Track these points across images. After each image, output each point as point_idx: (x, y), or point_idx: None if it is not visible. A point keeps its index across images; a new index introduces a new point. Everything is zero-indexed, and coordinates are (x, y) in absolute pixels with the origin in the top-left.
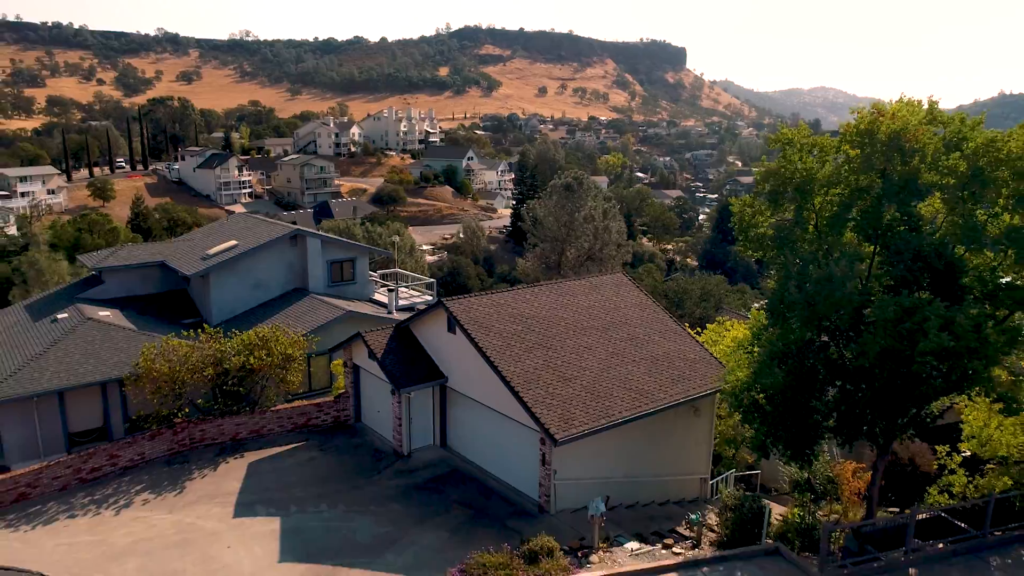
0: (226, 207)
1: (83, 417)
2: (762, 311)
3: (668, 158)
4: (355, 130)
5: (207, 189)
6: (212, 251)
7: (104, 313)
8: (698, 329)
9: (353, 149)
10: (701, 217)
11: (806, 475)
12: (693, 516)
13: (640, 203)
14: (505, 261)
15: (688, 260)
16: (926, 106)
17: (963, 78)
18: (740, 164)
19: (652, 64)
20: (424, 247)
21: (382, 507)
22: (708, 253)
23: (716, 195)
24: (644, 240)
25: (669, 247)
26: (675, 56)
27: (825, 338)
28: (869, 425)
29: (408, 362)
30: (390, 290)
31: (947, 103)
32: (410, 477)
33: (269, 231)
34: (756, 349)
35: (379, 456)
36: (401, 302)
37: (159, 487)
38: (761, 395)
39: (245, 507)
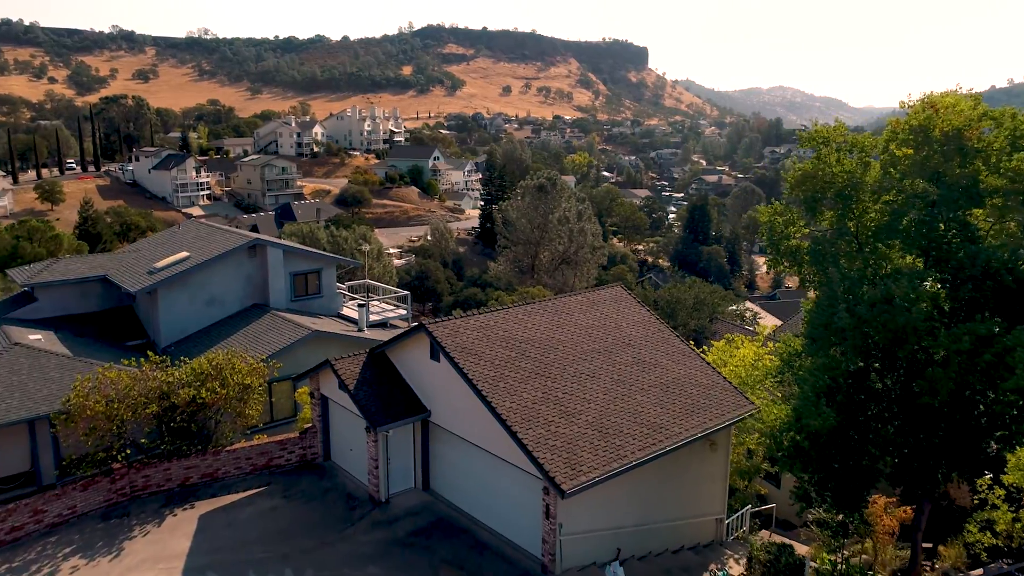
0: (183, 210)
1: (7, 460)
2: (794, 335)
3: (633, 157)
4: (317, 129)
5: (163, 191)
6: (160, 264)
7: (35, 336)
8: (694, 344)
9: (316, 149)
10: (671, 216)
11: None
12: (720, 573)
13: (610, 203)
14: (475, 264)
15: (660, 261)
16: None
17: (915, 76)
18: (704, 163)
19: (615, 63)
20: (391, 250)
21: (357, 571)
22: (680, 253)
23: (682, 194)
24: (615, 241)
25: (640, 247)
26: (637, 56)
27: (873, 366)
28: (931, 470)
29: (385, 395)
30: (360, 305)
31: (890, 102)
32: (389, 529)
33: (225, 241)
34: (789, 377)
35: (353, 503)
36: (372, 317)
37: (92, 549)
38: (804, 438)
39: (194, 574)
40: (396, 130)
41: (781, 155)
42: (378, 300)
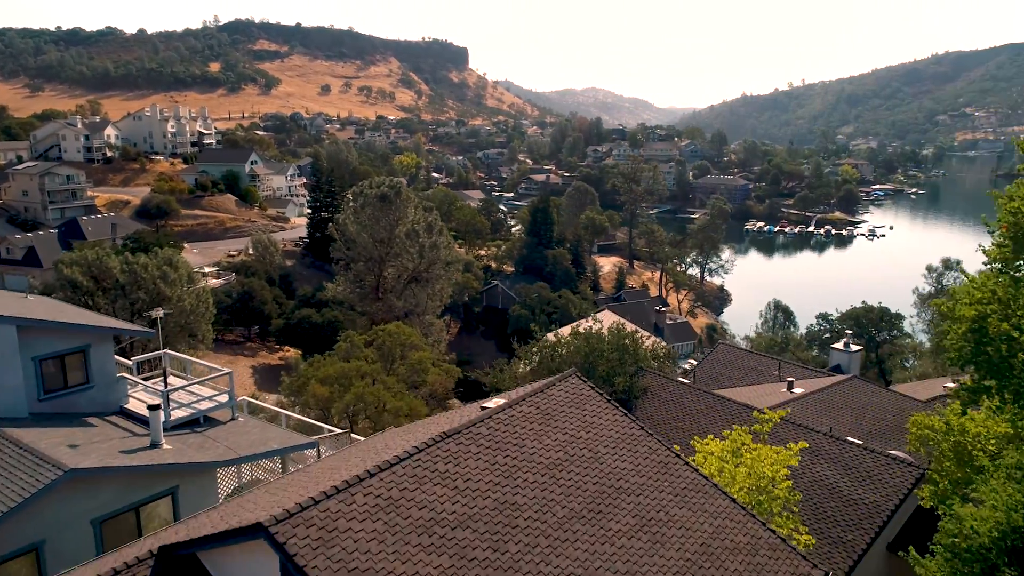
0: None
1: None
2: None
3: (461, 157)
4: (110, 131)
5: None
6: None
7: None
8: (622, 405)
9: (110, 154)
10: (511, 221)
11: None
12: None
13: (449, 207)
14: (306, 279)
15: (505, 267)
16: None
17: (710, 81)
18: (531, 162)
19: (436, 63)
20: (206, 269)
21: None
22: (525, 259)
23: (512, 194)
24: (456, 246)
25: (483, 252)
26: (458, 56)
27: None
28: None
29: None
30: (151, 408)
31: (699, 103)
32: None
33: None
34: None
35: None
36: (176, 413)
37: None
38: None
39: None
40: (206, 131)
41: (603, 153)
42: (184, 379)
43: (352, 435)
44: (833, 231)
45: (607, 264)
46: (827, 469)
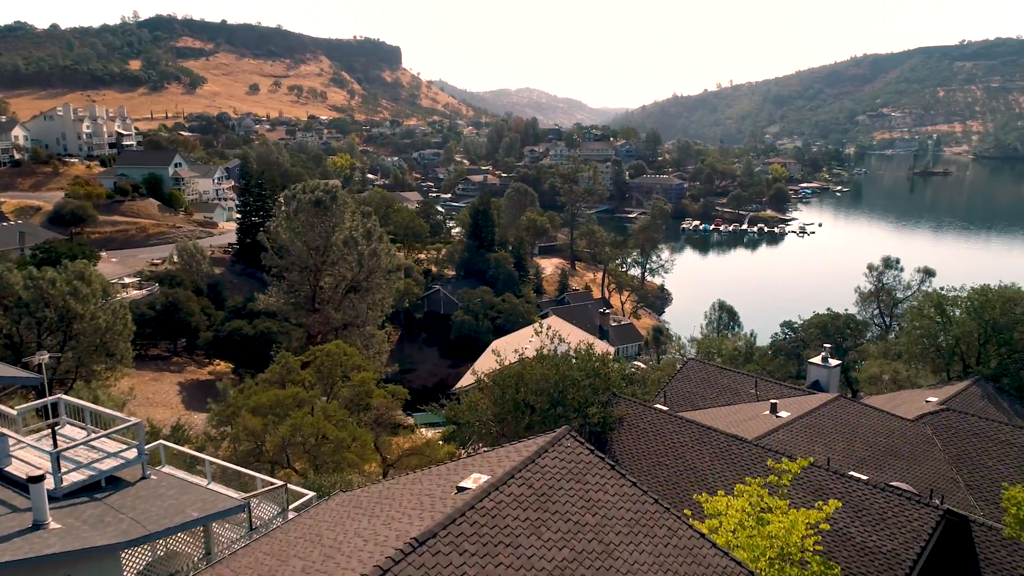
0: None
1: None
2: None
3: (396, 158)
4: (19, 132)
5: None
6: None
7: None
8: (595, 440)
9: (18, 156)
10: (450, 223)
11: None
12: None
13: (386, 210)
14: (237, 288)
15: (446, 271)
16: None
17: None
18: (468, 163)
19: (368, 62)
20: (127, 279)
21: None
22: (467, 262)
23: (450, 195)
24: (395, 251)
25: (423, 256)
26: (391, 55)
27: None
28: None
29: None
30: (32, 480)
31: (631, 103)
32: None
33: None
34: None
35: None
36: (71, 477)
37: None
38: None
39: None
40: (125, 132)
41: (540, 154)
42: (83, 430)
43: (290, 486)
44: (766, 229)
45: (549, 266)
46: (835, 512)
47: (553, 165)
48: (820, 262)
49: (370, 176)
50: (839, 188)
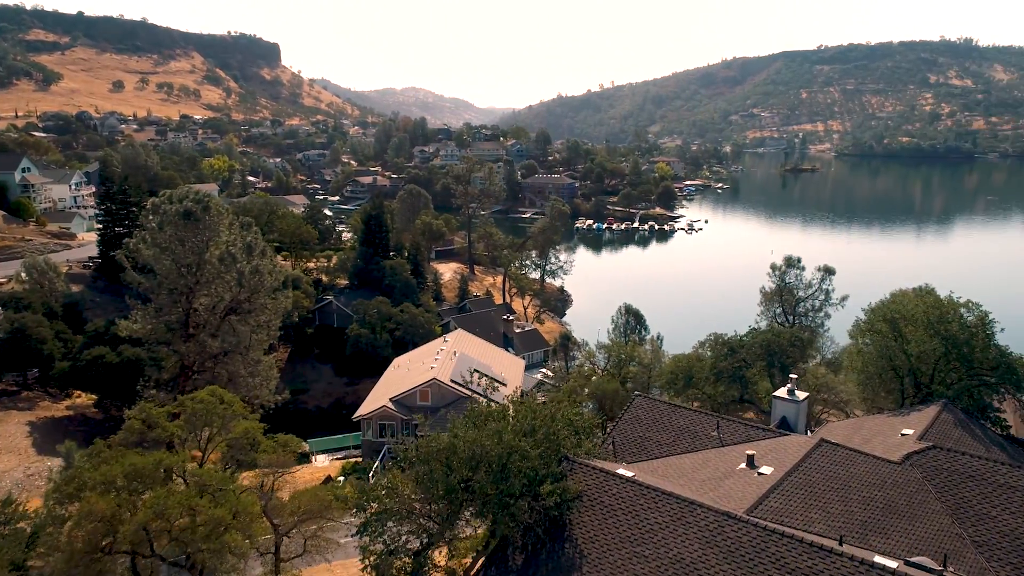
0: None
1: None
2: None
3: (279, 159)
4: None
5: None
6: None
7: None
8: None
9: None
10: (340, 227)
11: None
12: None
13: (269, 215)
14: (100, 307)
15: (339, 281)
16: None
17: (527, 82)
18: (355, 164)
19: (245, 60)
20: None
21: None
22: (361, 270)
23: (338, 197)
24: (280, 259)
25: (311, 265)
26: (269, 52)
27: None
28: None
29: None
30: None
31: (517, 103)
32: None
33: None
34: None
35: None
36: None
37: None
38: None
39: None
40: None
41: (430, 154)
42: None
43: None
44: (656, 227)
45: (447, 271)
46: None
47: (445, 165)
48: (711, 258)
49: (251, 179)
50: (720, 185)
